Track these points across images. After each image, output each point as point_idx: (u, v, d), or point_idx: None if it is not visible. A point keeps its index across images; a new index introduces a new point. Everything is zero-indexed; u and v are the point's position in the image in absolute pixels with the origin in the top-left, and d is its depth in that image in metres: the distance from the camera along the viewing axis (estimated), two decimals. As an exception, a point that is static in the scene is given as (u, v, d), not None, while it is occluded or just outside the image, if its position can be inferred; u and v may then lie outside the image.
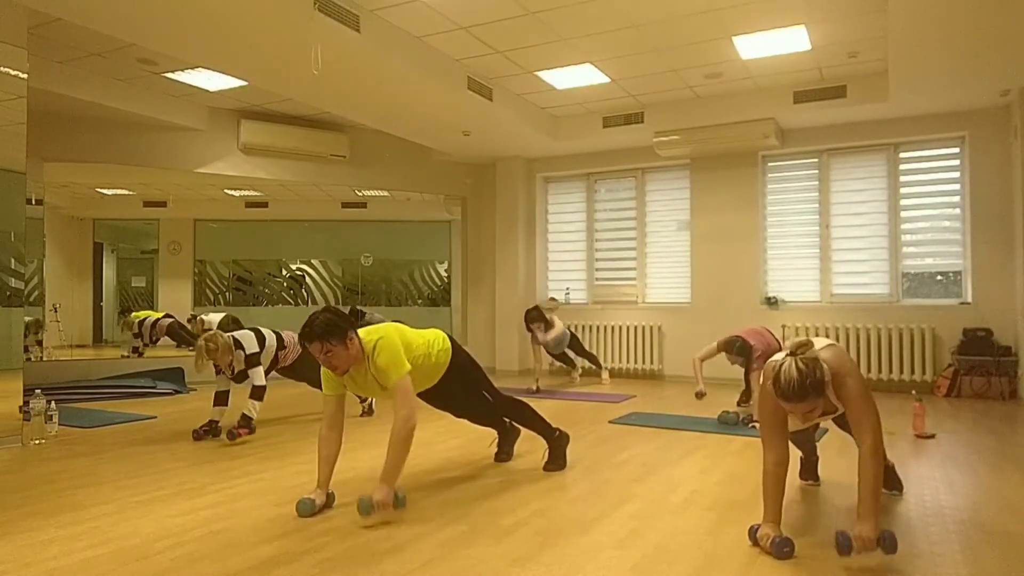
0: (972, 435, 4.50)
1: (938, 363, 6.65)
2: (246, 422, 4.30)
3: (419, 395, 3.20)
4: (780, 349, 5.13)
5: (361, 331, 2.91)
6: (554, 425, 3.66)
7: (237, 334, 4.52)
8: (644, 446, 4.14)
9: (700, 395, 5.20)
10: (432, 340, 3.21)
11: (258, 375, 4.47)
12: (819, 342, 2.47)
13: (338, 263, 9.98)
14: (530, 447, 3.94)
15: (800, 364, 2.21)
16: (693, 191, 7.84)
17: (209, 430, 4.38)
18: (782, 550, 2.27)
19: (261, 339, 4.64)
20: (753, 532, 2.39)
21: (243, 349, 4.45)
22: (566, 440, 3.67)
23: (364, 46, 5.01)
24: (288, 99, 6.84)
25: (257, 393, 4.41)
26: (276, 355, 4.79)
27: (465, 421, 3.70)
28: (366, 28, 4.95)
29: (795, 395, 2.19)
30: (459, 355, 3.33)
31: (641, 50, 5.82)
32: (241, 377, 4.55)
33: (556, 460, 3.58)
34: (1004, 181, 6.43)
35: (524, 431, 3.73)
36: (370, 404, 5.31)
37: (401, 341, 2.94)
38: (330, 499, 2.87)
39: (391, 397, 2.86)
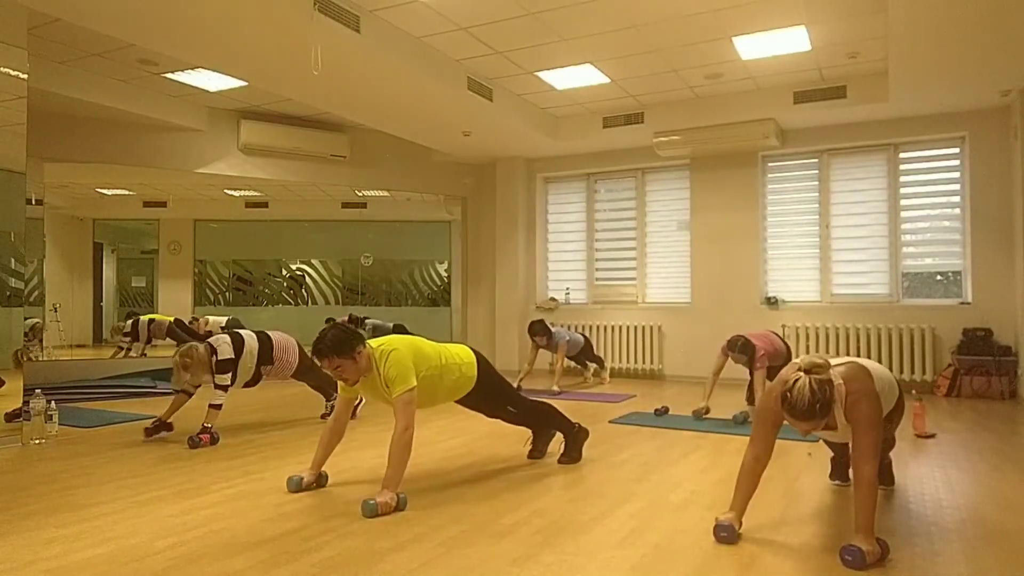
0: (972, 435, 4.50)
1: (938, 363, 6.65)
2: (206, 431, 4.13)
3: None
4: (788, 351, 5.16)
5: (373, 342, 3.04)
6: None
7: (213, 339, 4.34)
8: (644, 446, 4.15)
9: (700, 413, 5.04)
10: (454, 358, 3.27)
11: (222, 384, 4.25)
12: (839, 359, 2.50)
13: (338, 263, 9.99)
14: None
15: (814, 384, 2.24)
16: (693, 191, 7.84)
17: (160, 426, 4.31)
18: (719, 534, 2.41)
19: (239, 346, 4.38)
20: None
21: (215, 354, 4.25)
22: (584, 435, 3.77)
23: (364, 46, 5.01)
24: (288, 99, 6.84)
25: (215, 406, 4.19)
26: (258, 369, 4.51)
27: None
28: (366, 28, 4.95)
29: (802, 415, 2.26)
30: (484, 378, 3.38)
31: (641, 50, 5.82)
32: (254, 380, 4.53)
33: (571, 453, 3.69)
34: (1004, 181, 6.43)
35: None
36: (356, 407, 5.19)
37: (414, 355, 3.05)
38: (321, 479, 3.13)
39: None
